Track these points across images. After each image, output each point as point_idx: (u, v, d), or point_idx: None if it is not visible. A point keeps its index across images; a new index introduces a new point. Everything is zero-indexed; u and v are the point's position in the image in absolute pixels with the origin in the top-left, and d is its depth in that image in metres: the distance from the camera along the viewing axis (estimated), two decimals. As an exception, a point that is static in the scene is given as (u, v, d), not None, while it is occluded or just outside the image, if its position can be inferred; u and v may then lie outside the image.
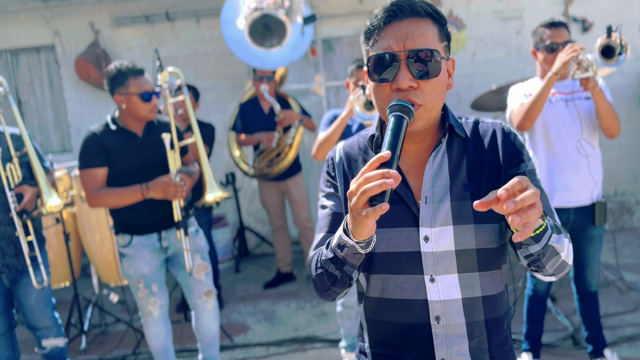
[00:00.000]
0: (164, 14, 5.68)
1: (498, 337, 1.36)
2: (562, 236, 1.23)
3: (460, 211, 1.30)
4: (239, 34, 4.05)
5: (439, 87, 1.27)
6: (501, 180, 1.32)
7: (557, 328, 3.68)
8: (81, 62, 5.73)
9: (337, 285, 1.29)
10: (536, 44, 2.99)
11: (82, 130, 5.91)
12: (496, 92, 4.18)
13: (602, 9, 5.66)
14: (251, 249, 6.06)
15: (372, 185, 1.05)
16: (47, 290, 2.96)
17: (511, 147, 1.35)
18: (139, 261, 2.96)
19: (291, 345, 3.88)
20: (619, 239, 5.30)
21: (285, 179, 4.83)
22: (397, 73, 1.24)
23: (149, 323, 3.09)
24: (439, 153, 1.34)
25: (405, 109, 1.19)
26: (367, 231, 1.14)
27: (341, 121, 3.10)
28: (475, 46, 5.74)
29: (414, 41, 1.24)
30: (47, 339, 3.00)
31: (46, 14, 5.76)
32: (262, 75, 4.67)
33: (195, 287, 3.08)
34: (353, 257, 1.21)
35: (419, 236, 1.30)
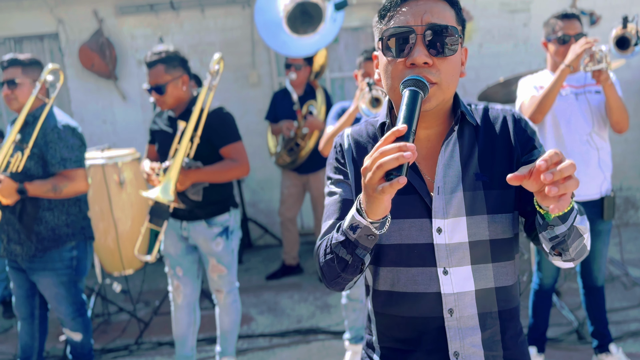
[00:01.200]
0: (169, 3, 5.64)
1: (512, 328, 1.34)
2: (584, 218, 1.20)
3: (473, 202, 1.27)
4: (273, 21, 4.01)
5: (454, 67, 1.23)
6: (513, 167, 1.29)
7: (562, 322, 3.66)
8: (85, 50, 5.69)
9: (347, 271, 1.23)
10: (547, 35, 2.96)
11: (85, 119, 5.89)
12: (504, 85, 4.15)
13: (610, 2, 5.61)
14: (254, 240, 6.05)
15: (388, 159, 1.00)
16: (62, 290, 2.92)
17: (523, 134, 1.32)
18: (168, 239, 3.07)
19: (294, 337, 3.87)
20: (624, 234, 5.28)
21: (307, 173, 4.82)
22: (412, 48, 1.20)
23: (174, 308, 3.18)
24: (450, 142, 1.30)
25: (420, 84, 1.15)
26: (382, 209, 1.08)
27: (349, 116, 3.08)
28: (482, 38, 5.70)
29: (432, 16, 1.20)
30: (65, 329, 3.05)
31: (50, 2, 5.72)
32: (290, 64, 4.65)
33: (210, 282, 3.16)
34: (366, 239, 1.16)
35: (431, 228, 1.27)
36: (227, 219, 3.04)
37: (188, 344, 3.23)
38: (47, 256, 2.87)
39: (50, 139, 2.79)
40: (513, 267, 1.34)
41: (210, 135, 2.93)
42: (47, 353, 3.84)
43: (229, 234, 3.05)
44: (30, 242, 2.84)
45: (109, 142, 5.66)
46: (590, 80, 2.89)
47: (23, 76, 2.86)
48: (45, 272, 2.88)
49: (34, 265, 2.88)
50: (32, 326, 3.04)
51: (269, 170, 5.91)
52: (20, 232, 2.84)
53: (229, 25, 5.78)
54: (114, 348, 3.87)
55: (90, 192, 3.92)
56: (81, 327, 3.03)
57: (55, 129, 2.81)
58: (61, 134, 2.81)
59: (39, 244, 2.85)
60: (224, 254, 3.05)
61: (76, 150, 2.84)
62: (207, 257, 3.05)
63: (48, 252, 2.86)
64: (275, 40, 4.11)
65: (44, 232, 2.85)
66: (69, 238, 2.91)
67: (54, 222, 2.87)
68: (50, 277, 2.88)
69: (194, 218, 2.98)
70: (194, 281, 3.15)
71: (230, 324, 3.20)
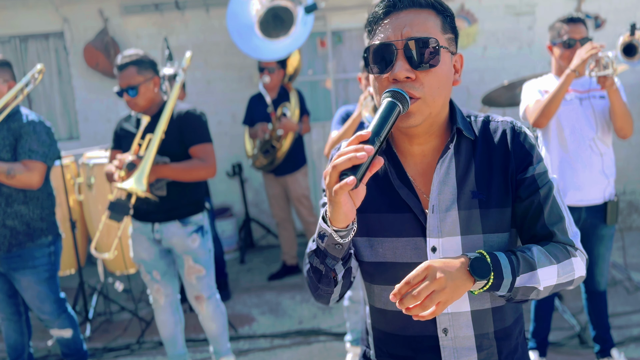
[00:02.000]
0: (174, 3, 5.65)
1: (508, 347, 1.32)
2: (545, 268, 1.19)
3: (469, 221, 1.24)
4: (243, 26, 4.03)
5: (439, 79, 1.19)
6: (509, 184, 1.26)
7: (564, 327, 3.66)
8: (90, 49, 5.71)
9: (322, 282, 1.22)
10: (553, 38, 2.95)
11: (89, 118, 5.91)
12: (508, 88, 4.14)
13: (615, 6, 5.60)
14: (256, 240, 6.05)
15: (342, 159, 1.02)
16: (44, 287, 2.90)
17: (520, 150, 1.27)
18: (138, 246, 3.02)
19: (295, 338, 3.87)
20: (627, 238, 5.26)
21: (284, 175, 4.86)
22: (394, 63, 1.18)
23: (157, 310, 3.13)
24: (446, 159, 1.26)
25: (399, 96, 1.13)
26: (342, 215, 1.07)
27: (353, 121, 3.07)
28: (486, 41, 5.69)
29: (412, 29, 1.18)
30: (52, 329, 3.02)
31: (56, 1, 5.73)
32: (263, 67, 4.67)
33: (188, 288, 3.07)
34: (334, 248, 1.15)
35: (426, 247, 1.24)
36: (201, 218, 3.02)
37: (178, 342, 3.21)
38: (26, 254, 2.85)
39: (25, 131, 2.81)
40: None
41: (182, 133, 2.90)
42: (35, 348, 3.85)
43: (204, 233, 3.02)
44: (3, 237, 2.81)
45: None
46: (594, 85, 2.89)
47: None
48: (25, 270, 2.86)
49: (13, 265, 2.85)
50: (20, 323, 3.03)
51: (272, 171, 5.91)
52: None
53: (234, 25, 5.79)
54: (116, 347, 3.88)
55: (94, 191, 3.93)
56: (69, 323, 3.02)
57: (32, 123, 2.84)
58: (36, 128, 2.84)
59: (12, 238, 2.82)
60: (201, 252, 2.99)
61: (45, 146, 2.84)
62: (182, 259, 2.98)
63: (24, 247, 2.84)
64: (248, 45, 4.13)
65: (19, 227, 2.83)
66: (43, 232, 2.90)
67: (28, 216, 2.85)
68: (31, 274, 2.86)
69: (167, 219, 2.93)
70: (173, 281, 3.11)
71: (218, 329, 3.17)
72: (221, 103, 5.83)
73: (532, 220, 1.27)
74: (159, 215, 2.93)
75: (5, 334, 3.03)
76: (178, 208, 2.94)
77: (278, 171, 4.85)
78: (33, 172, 2.75)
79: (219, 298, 3.15)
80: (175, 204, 2.93)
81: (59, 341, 3.06)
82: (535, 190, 1.26)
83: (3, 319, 3.00)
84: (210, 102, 5.70)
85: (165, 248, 3.02)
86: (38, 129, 2.84)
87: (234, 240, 5.72)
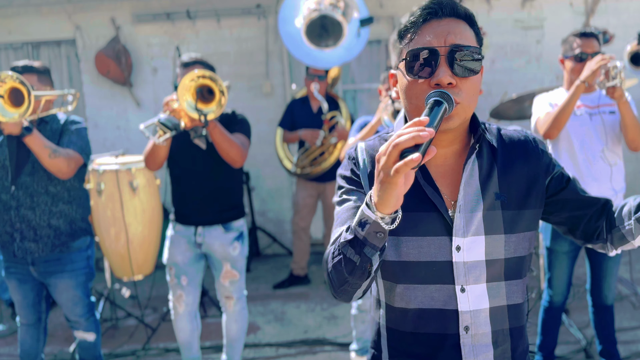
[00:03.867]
0: (185, 12, 5.71)
1: (522, 346, 1.36)
2: None
3: (492, 221, 1.29)
4: (295, 32, 4.08)
5: (475, 87, 1.25)
6: (532, 189, 1.33)
7: (570, 340, 3.65)
8: (101, 57, 5.77)
9: (355, 274, 1.17)
10: (565, 52, 2.97)
11: (99, 125, 5.96)
12: (516, 101, 4.16)
13: (624, 21, 5.62)
14: (262, 249, 6.06)
15: (405, 138, 1.01)
16: (79, 291, 2.94)
17: (542, 154, 1.36)
18: (176, 248, 3.06)
19: (301, 347, 3.88)
20: (634, 253, 5.23)
21: (325, 181, 4.83)
22: (436, 69, 1.21)
23: (175, 317, 3.17)
24: (470, 161, 1.32)
25: (446, 96, 1.15)
26: (395, 197, 1.05)
27: (370, 128, 3.08)
28: (494, 54, 5.71)
29: (456, 37, 1.22)
30: (77, 331, 3.04)
31: (68, 8, 5.80)
32: (314, 74, 4.70)
33: (219, 289, 3.16)
34: (375, 237, 1.12)
35: (451, 245, 1.28)
36: (242, 224, 3.11)
37: (194, 347, 3.25)
38: (65, 258, 2.88)
39: (66, 128, 2.89)
40: (523, 286, 1.36)
41: (229, 122, 2.99)
42: (54, 356, 3.87)
43: (243, 239, 3.10)
44: (47, 237, 2.83)
45: (122, 148, 5.70)
46: (604, 100, 2.91)
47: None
48: (64, 274, 2.88)
49: (50, 269, 2.87)
50: (38, 330, 3.04)
51: (279, 179, 5.94)
52: (36, 228, 2.82)
53: (244, 35, 5.84)
54: (122, 353, 3.89)
55: (103, 197, 3.96)
56: (94, 327, 3.05)
57: (73, 122, 2.94)
58: (76, 126, 2.93)
59: (56, 239, 2.84)
60: (239, 259, 3.08)
61: (82, 141, 2.90)
62: (221, 263, 3.06)
63: (66, 248, 2.86)
64: (300, 51, 4.17)
65: (63, 226, 2.86)
66: (83, 233, 2.94)
67: (72, 216, 2.90)
68: (69, 278, 2.89)
69: (211, 223, 3.00)
70: (196, 290, 3.16)
71: (238, 332, 3.22)
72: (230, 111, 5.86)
73: (581, 199, 1.38)
74: (203, 219, 3.00)
75: (21, 339, 3.05)
76: (221, 212, 3.01)
77: (320, 178, 4.82)
78: (70, 159, 2.79)
79: (245, 300, 3.21)
80: (219, 207, 3.00)
81: (79, 345, 3.08)
82: (568, 179, 1.38)
83: (23, 324, 3.02)
84: (219, 110, 5.72)
85: (202, 253, 3.08)
86: (79, 127, 2.93)
87: (240, 249, 5.72)
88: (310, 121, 4.80)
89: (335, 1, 3.94)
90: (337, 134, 4.62)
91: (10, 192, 2.80)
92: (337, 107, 4.85)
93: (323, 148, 4.72)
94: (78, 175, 2.93)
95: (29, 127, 2.65)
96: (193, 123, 2.76)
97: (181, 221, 3.05)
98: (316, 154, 4.74)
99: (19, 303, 2.98)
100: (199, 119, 2.71)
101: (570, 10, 5.66)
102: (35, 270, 2.88)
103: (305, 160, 4.79)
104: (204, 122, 2.70)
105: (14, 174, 2.80)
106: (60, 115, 2.98)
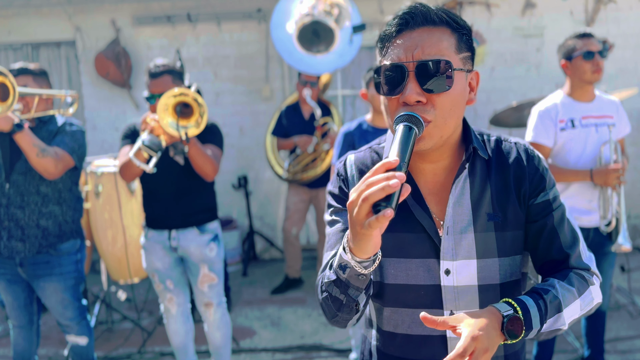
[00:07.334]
0: (186, 15, 5.71)
1: None
2: (570, 306, 1.19)
3: (485, 244, 1.21)
4: (287, 37, 4.07)
5: (452, 101, 1.15)
6: (522, 208, 1.25)
7: (567, 349, 3.64)
8: (101, 59, 5.76)
9: (343, 311, 1.17)
10: (569, 54, 2.94)
11: (97, 127, 5.94)
12: (516, 109, 4.16)
13: (624, 30, 5.64)
14: (259, 253, 6.05)
15: (374, 190, 0.93)
16: (68, 294, 2.91)
17: (535, 173, 1.25)
18: (152, 255, 3.00)
19: (297, 352, 3.86)
20: (632, 262, 5.25)
21: (316, 187, 4.82)
22: (404, 86, 1.13)
23: (168, 320, 3.14)
24: (461, 179, 1.23)
25: (413, 119, 1.08)
26: (371, 247, 1.01)
27: None
28: (494, 61, 5.73)
29: (424, 51, 1.13)
30: (69, 335, 3.01)
31: (69, 10, 5.80)
32: (306, 80, 4.71)
33: (198, 296, 3.09)
34: (357, 279, 1.09)
35: (439, 269, 1.22)
36: (216, 226, 3.07)
37: (189, 351, 3.21)
38: (54, 261, 2.85)
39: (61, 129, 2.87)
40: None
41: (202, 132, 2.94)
42: (49, 359, 3.84)
43: (219, 242, 3.06)
44: (35, 238, 2.80)
45: (120, 150, 5.71)
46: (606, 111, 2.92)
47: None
48: (52, 277, 2.85)
49: (39, 272, 2.84)
50: (31, 332, 3.01)
51: (276, 184, 5.93)
52: (24, 228, 2.79)
53: (245, 39, 5.85)
54: (117, 356, 3.87)
55: (101, 199, 3.95)
56: (86, 330, 3.02)
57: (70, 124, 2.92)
58: (72, 128, 2.91)
59: (43, 239, 2.81)
60: (217, 261, 3.03)
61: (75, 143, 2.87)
62: (198, 267, 2.99)
63: (53, 249, 2.83)
64: (292, 57, 4.16)
65: (51, 227, 2.83)
66: (72, 235, 2.91)
67: (61, 217, 2.87)
68: (57, 282, 2.86)
69: (184, 225, 2.96)
70: (185, 289, 3.13)
71: (223, 339, 3.17)
72: (229, 116, 5.87)
73: (547, 244, 1.27)
74: (176, 222, 2.95)
75: (15, 341, 3.02)
76: (195, 214, 2.97)
77: (312, 183, 4.82)
78: (58, 161, 2.75)
79: (226, 307, 3.16)
80: (191, 209, 2.96)
81: (72, 349, 3.05)
82: (549, 213, 1.26)
83: (15, 326, 2.99)
84: (218, 114, 5.73)
85: (179, 256, 3.04)
86: (74, 129, 2.91)
87: (237, 253, 5.72)
88: (302, 128, 4.80)
89: (329, 7, 3.94)
90: (330, 140, 4.62)
91: (5, 190, 2.77)
92: (329, 113, 4.86)
93: (315, 154, 4.72)
94: (71, 177, 2.90)
95: (19, 124, 2.62)
96: (173, 140, 2.72)
97: (153, 226, 2.99)
98: (308, 160, 4.75)
99: (9, 305, 2.95)
100: (179, 137, 2.68)
101: (570, 19, 5.68)
102: (24, 272, 2.85)
103: (297, 167, 4.79)
104: (185, 139, 2.67)
105: (7, 171, 2.78)
106: (60, 118, 2.96)
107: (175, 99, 2.67)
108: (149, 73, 2.90)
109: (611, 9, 5.68)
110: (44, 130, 2.86)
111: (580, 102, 2.94)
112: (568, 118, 2.89)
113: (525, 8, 5.68)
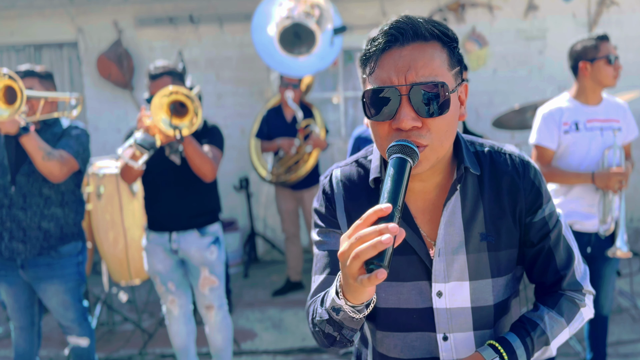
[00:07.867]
0: (188, 17, 5.71)
1: None
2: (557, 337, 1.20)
3: (477, 265, 1.17)
4: (268, 40, 4.07)
5: (448, 124, 1.08)
6: (517, 225, 1.20)
7: (569, 353, 3.63)
8: (103, 60, 5.77)
9: (337, 345, 1.13)
10: (592, 56, 2.86)
11: (99, 128, 5.95)
12: (518, 112, 4.15)
13: (626, 33, 5.63)
14: (261, 255, 6.04)
15: (366, 247, 0.88)
16: (70, 296, 2.91)
17: (531, 188, 1.19)
18: (154, 257, 3.00)
19: (298, 355, 3.85)
20: (634, 265, 5.23)
21: (301, 189, 4.84)
22: (397, 110, 1.04)
23: (170, 321, 3.14)
24: (452, 199, 1.17)
25: (408, 150, 1.01)
26: (365, 295, 0.97)
27: None
28: (496, 63, 5.72)
29: (417, 73, 1.04)
30: (70, 336, 3.01)
31: (71, 11, 5.81)
32: (288, 82, 4.70)
33: (199, 298, 3.09)
34: (351, 321, 1.05)
35: (431, 291, 1.18)
36: (217, 228, 3.06)
37: (190, 352, 3.21)
38: (55, 263, 2.84)
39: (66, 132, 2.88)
40: (511, 319, 1.29)
41: (200, 132, 2.95)
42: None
43: (220, 244, 3.06)
44: (36, 239, 2.80)
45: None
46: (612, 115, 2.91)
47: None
48: (53, 279, 2.85)
49: (40, 274, 2.84)
50: (32, 333, 3.01)
51: (278, 186, 5.92)
52: (26, 229, 2.79)
53: (247, 41, 5.83)
54: (118, 358, 3.87)
55: (102, 201, 3.95)
56: (88, 332, 3.01)
57: (75, 127, 2.92)
58: (77, 131, 2.91)
59: (45, 241, 2.81)
60: (217, 264, 3.02)
61: (79, 146, 2.87)
62: (198, 270, 2.99)
63: (55, 251, 2.83)
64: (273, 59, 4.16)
65: (53, 230, 2.82)
66: (74, 237, 2.90)
67: (63, 220, 2.86)
68: (59, 284, 2.86)
69: (185, 227, 2.95)
70: (187, 291, 3.13)
71: (224, 341, 3.16)
72: (230, 117, 5.87)
73: (543, 266, 1.25)
74: (177, 224, 2.95)
75: (16, 343, 3.02)
76: (195, 217, 2.96)
77: (296, 186, 4.83)
78: (63, 164, 2.75)
79: (227, 309, 3.16)
80: (192, 211, 2.95)
81: (73, 351, 3.04)
82: (546, 234, 1.22)
83: (16, 327, 2.99)
84: (220, 115, 5.73)
85: (180, 258, 3.03)
86: (79, 132, 2.91)
87: (238, 255, 5.71)
88: (285, 130, 4.80)
89: (309, 8, 3.93)
90: (312, 142, 4.63)
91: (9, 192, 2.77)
92: (312, 115, 4.86)
93: (298, 157, 4.73)
94: (74, 180, 2.90)
95: (26, 127, 2.63)
96: (168, 139, 2.72)
97: (154, 228, 2.99)
98: (291, 162, 4.75)
99: (11, 306, 2.95)
100: (173, 135, 2.67)
101: (573, 21, 5.67)
102: (25, 274, 2.85)
103: (280, 169, 4.80)
104: (179, 138, 2.66)
105: (13, 174, 2.78)
106: (64, 120, 2.97)
107: (168, 98, 2.67)
108: (149, 75, 2.91)
109: (614, 12, 5.67)
110: (48, 133, 2.86)
111: (586, 105, 2.91)
112: (572, 121, 2.87)
113: (528, 10, 5.67)
